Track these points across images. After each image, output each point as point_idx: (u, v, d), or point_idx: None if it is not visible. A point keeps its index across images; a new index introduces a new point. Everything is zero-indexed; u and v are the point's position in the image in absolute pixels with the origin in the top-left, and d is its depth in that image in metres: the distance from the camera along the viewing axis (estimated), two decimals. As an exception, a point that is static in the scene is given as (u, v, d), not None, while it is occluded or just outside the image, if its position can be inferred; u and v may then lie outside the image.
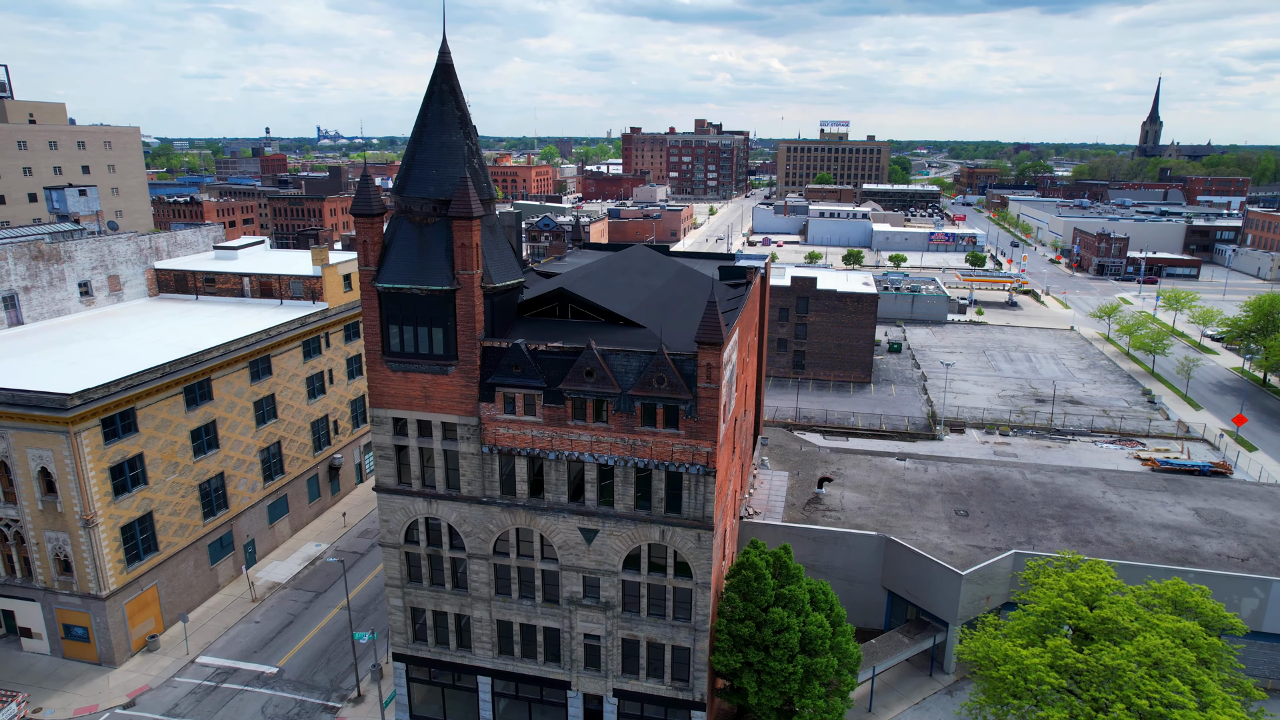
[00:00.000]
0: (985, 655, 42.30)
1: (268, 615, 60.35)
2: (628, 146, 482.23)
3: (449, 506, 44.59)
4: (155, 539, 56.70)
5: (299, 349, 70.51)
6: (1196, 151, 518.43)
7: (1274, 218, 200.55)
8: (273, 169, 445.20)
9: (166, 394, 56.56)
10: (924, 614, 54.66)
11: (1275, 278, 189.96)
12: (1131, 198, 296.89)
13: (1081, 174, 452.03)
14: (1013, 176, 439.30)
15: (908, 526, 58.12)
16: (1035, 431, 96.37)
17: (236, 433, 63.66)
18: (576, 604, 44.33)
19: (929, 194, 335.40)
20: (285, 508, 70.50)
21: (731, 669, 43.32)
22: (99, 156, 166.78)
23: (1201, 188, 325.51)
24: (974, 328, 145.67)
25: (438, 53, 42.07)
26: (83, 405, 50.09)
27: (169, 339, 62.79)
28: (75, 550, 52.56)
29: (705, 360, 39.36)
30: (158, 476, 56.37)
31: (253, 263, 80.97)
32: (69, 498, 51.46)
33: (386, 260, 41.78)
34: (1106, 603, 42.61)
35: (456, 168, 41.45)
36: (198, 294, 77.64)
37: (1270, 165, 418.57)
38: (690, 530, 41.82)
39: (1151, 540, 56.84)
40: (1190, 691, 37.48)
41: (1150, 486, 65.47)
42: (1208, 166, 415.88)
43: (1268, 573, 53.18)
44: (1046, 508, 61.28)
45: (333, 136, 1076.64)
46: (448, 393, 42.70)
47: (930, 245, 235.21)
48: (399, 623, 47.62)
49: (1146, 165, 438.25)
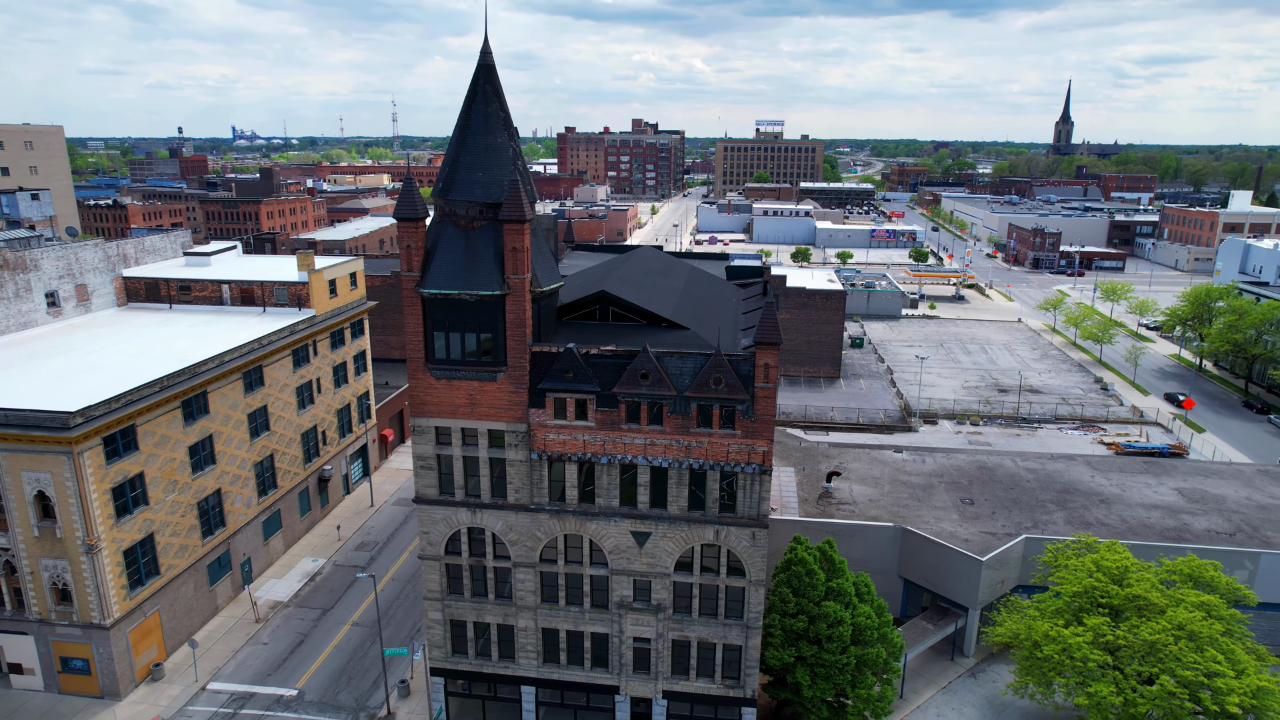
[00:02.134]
0: (1027, 637, 43.93)
1: (275, 636, 58.06)
2: (562, 146, 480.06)
3: (494, 515, 43.79)
4: (156, 562, 53.91)
5: (289, 358, 68.03)
6: (1105, 150, 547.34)
7: (1188, 213, 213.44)
8: (194, 170, 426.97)
9: (165, 409, 53.82)
10: (942, 600, 56.32)
11: (1192, 269, 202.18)
12: (1055, 194, 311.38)
13: (1002, 171, 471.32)
14: (939, 174, 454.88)
15: (920, 516, 59.77)
16: (1004, 421, 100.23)
17: (232, 447, 61.02)
18: (627, 608, 44.13)
19: (864, 192, 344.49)
20: (279, 523, 67.93)
21: (785, 663, 43.87)
22: (20, 157, 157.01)
23: (1115, 184, 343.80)
24: (928, 321, 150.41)
25: (479, 53, 41.26)
26: (85, 424, 47.24)
27: (155, 351, 59.71)
28: (76, 578, 49.51)
29: (763, 360, 39.72)
30: (158, 496, 53.58)
31: (228, 269, 77.59)
32: (69, 522, 48.44)
33: (431, 265, 40.74)
34: (1135, 580, 44.78)
35: (503, 170, 40.72)
36: (171, 303, 73.95)
37: (1172, 164, 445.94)
38: (745, 529, 42.13)
39: (1145, 520, 59.93)
40: (1225, 660, 39.78)
41: (1132, 469, 68.97)
42: (1117, 164, 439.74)
43: (1253, 546, 56.72)
44: (1044, 493, 63.91)
45: (249, 137, 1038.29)
46: (495, 400, 41.92)
47: (872, 242, 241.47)
48: (438, 636, 46.51)
49: (1062, 163, 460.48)
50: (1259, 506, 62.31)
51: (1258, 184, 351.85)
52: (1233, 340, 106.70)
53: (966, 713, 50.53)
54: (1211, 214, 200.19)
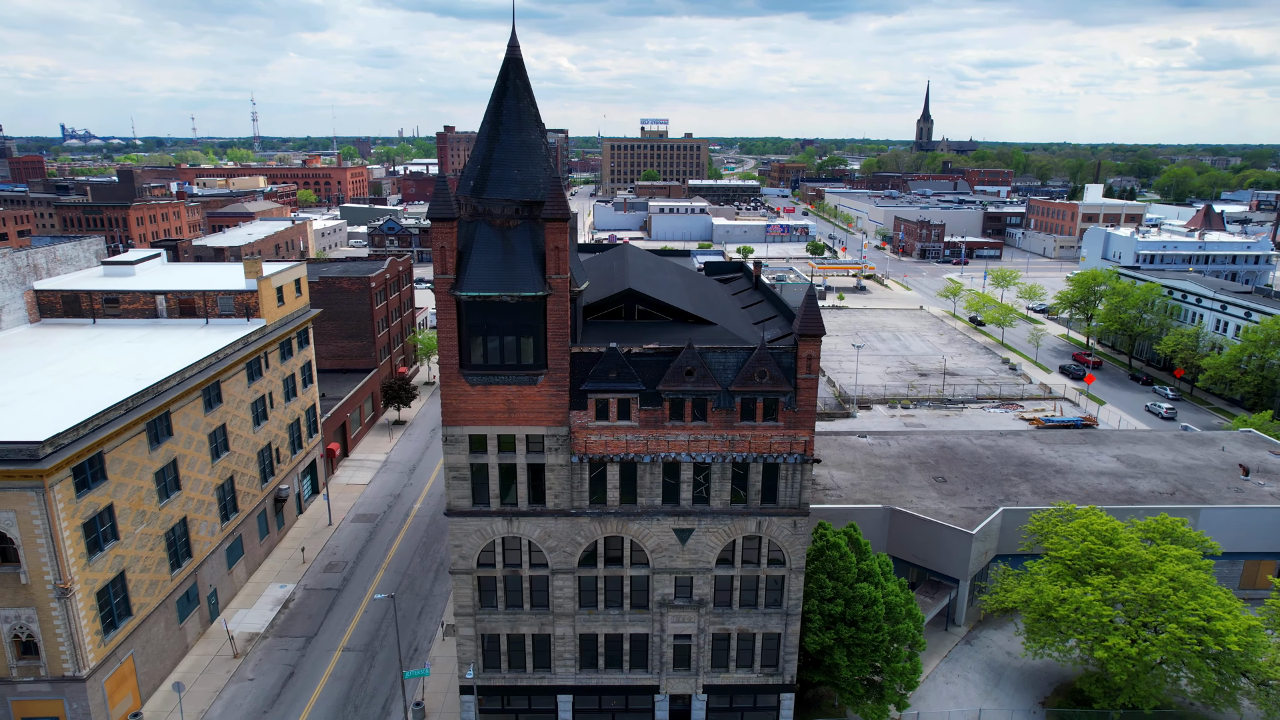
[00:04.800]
0: (1040, 600, 46.92)
1: (260, 670, 54.06)
2: (442, 146, 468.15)
3: (532, 523, 42.59)
4: (128, 601, 49.07)
5: (243, 372, 63.39)
6: (963, 147, 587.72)
7: (1051, 205, 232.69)
8: (30, 173, 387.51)
9: (131, 433, 49.03)
10: (932, 575, 59.21)
11: (1059, 256, 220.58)
12: (929, 189, 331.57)
13: (871, 167, 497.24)
14: (814, 170, 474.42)
15: (903, 496, 62.57)
16: (931, 403, 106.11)
17: (196, 470, 56.32)
18: (668, 606, 44.00)
19: (750, 189, 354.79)
20: (241, 549, 63.23)
21: (824, 646, 44.97)
22: None
23: (977, 179, 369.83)
24: (839, 312, 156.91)
25: (506, 46, 39.95)
26: (54, 454, 42.41)
27: (101, 370, 54.22)
28: (45, 627, 44.34)
29: (806, 352, 40.57)
30: (127, 529, 48.77)
31: (155, 278, 71.29)
32: (37, 565, 43.34)
33: (468, 267, 39.15)
34: (1124, 540, 48.73)
35: (538, 167, 39.64)
36: (95, 317, 67.24)
37: (1022, 160, 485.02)
38: (786, 518, 42.90)
39: (1098, 486, 65.18)
40: (1218, 604, 44.00)
41: (1073, 441, 74.80)
42: (975, 160, 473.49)
43: (1190, 502, 62.81)
44: (1005, 467, 68.31)
45: (83, 136, 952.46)
46: (535, 404, 40.77)
47: (768, 237, 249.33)
48: (468, 653, 44.77)
49: (926, 159, 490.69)
50: (1185, 467, 69.02)
51: (1096, 177, 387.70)
52: (1120, 320, 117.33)
53: (971, 678, 53.44)
54: (1072, 206, 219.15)
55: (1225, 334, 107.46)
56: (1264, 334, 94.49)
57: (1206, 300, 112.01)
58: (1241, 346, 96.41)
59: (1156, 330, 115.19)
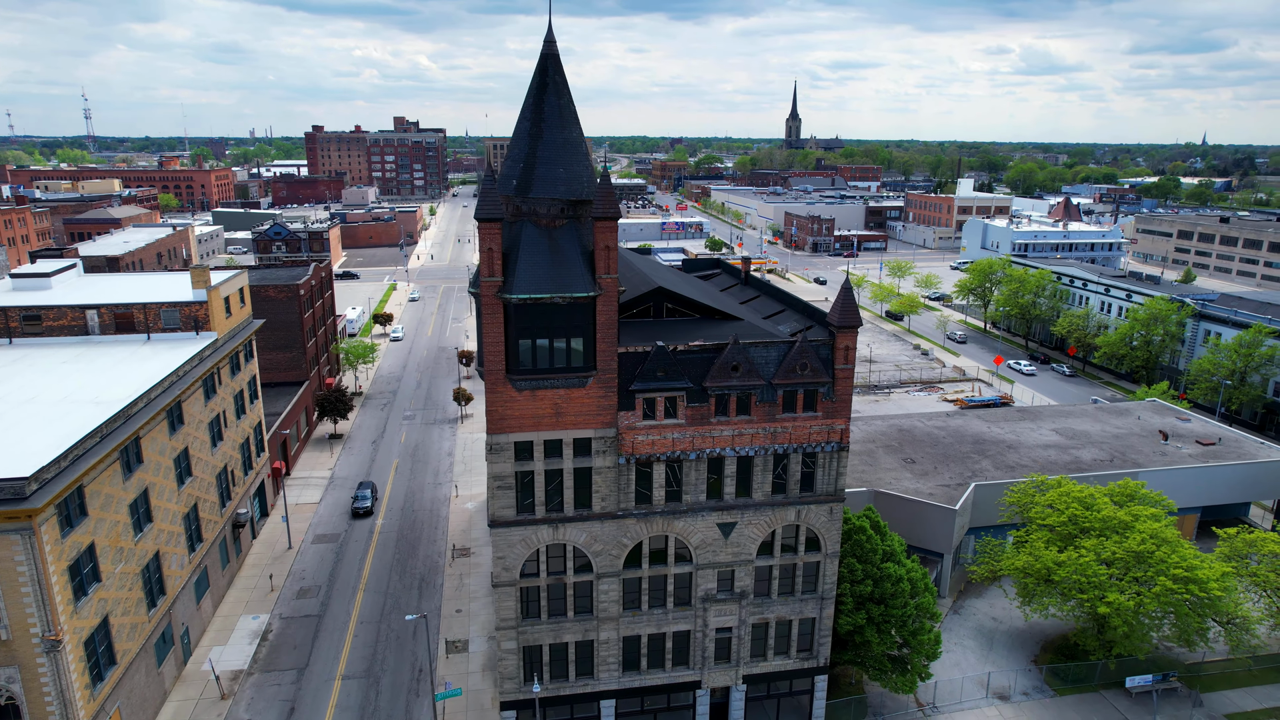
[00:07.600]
0: (1041, 566, 50.42)
1: (255, 709, 50.24)
2: (311, 146, 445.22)
3: (578, 528, 41.82)
4: (112, 649, 44.47)
5: (200, 390, 58.57)
6: (830, 144, 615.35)
7: (928, 199, 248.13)
8: None
9: (106, 464, 44.41)
10: (917, 551, 62.29)
11: (939, 247, 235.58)
12: (810, 185, 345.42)
13: (745, 165, 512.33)
14: (693, 169, 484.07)
15: (880, 479, 65.48)
16: (860, 389, 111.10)
17: (164, 499, 51.64)
18: (711, 600, 44.33)
19: (638, 187, 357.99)
20: (207, 581, 58.47)
21: (856, 626, 46.59)
22: None
23: (850, 175, 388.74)
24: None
25: (543, 41, 38.95)
26: (40, 490, 37.95)
27: (46, 396, 48.80)
28: (29, 686, 39.55)
29: (843, 343, 41.90)
30: (108, 568, 44.19)
31: (77, 291, 64.58)
32: (21, 618, 38.62)
33: (517, 269, 37.95)
34: (1102, 505, 53.13)
35: (581, 165, 38.93)
36: (11, 336, 60.22)
37: (886, 156, 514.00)
38: (823, 505, 44.14)
39: (1048, 458, 70.51)
40: (1194, 555, 48.80)
41: (1011, 417, 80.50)
42: (844, 157, 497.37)
43: (1128, 468, 69.03)
44: (962, 446, 72.70)
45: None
46: (583, 406, 40.06)
47: (664, 234, 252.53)
48: (510, 667, 43.44)
49: (797, 156, 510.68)
50: (1114, 436, 75.77)
51: (958, 173, 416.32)
52: (1019, 304, 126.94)
53: (967, 644, 56.74)
54: (948, 199, 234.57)
55: (1110, 314, 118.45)
56: (1148, 313, 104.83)
57: (1092, 284, 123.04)
58: (1130, 325, 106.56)
59: (1051, 313, 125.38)
